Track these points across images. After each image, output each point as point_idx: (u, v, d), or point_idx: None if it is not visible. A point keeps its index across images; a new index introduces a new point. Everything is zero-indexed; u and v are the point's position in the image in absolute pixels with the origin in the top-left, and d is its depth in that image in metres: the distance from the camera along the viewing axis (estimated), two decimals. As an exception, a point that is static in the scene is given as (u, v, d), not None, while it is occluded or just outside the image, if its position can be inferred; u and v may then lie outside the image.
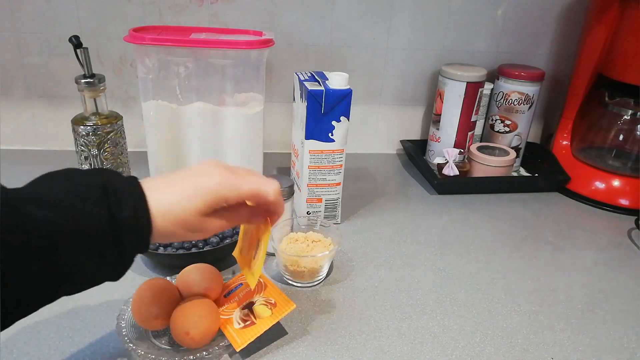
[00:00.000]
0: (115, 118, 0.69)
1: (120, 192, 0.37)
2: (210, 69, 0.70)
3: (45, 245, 0.34)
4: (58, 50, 0.87)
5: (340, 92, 0.67)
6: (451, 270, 0.67)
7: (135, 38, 0.66)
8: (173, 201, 0.40)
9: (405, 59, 0.98)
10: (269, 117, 0.80)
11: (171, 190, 0.40)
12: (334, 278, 0.63)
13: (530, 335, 0.55)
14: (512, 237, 0.76)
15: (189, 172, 0.43)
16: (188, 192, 0.40)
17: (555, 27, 1.00)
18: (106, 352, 0.49)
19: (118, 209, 0.37)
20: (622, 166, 0.89)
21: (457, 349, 0.52)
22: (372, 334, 0.54)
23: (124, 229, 0.37)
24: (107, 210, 0.36)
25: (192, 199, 0.40)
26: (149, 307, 0.48)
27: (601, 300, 0.63)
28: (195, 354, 0.46)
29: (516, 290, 0.63)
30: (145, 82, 0.70)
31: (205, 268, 0.53)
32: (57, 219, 0.34)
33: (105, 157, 0.67)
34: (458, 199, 0.87)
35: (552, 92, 1.06)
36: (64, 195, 0.36)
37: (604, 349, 0.54)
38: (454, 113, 0.91)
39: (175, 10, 0.87)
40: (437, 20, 0.96)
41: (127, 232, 0.37)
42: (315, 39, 0.93)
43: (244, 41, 0.68)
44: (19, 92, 0.89)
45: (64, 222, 0.34)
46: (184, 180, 0.41)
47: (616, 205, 0.86)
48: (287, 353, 0.50)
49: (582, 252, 0.73)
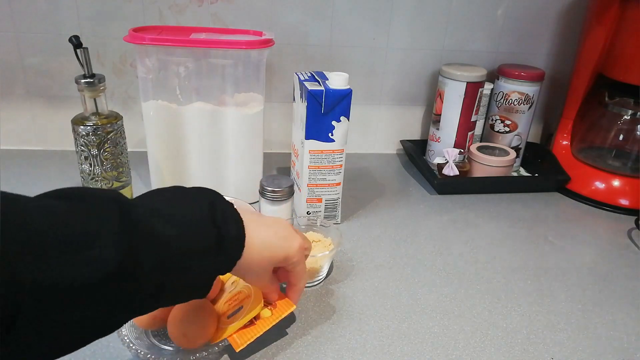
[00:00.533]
0: (115, 118, 0.69)
1: (224, 211, 0.40)
2: (210, 69, 0.70)
3: (161, 260, 0.35)
4: (58, 50, 0.87)
5: (340, 92, 0.67)
6: (451, 270, 0.67)
7: (135, 38, 0.66)
8: (266, 240, 0.44)
9: (405, 59, 0.98)
10: (269, 117, 0.80)
11: (266, 230, 0.44)
12: (334, 278, 0.63)
13: (530, 335, 0.55)
14: (512, 237, 0.76)
15: (277, 223, 0.47)
16: (280, 241, 0.45)
17: (555, 27, 1.00)
18: (106, 352, 0.49)
19: (225, 227, 0.39)
20: (622, 166, 0.89)
21: (457, 349, 0.52)
22: (372, 334, 0.54)
23: (225, 246, 0.39)
24: (217, 229, 0.38)
25: (280, 247, 0.45)
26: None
27: (601, 300, 0.63)
28: (195, 354, 0.46)
29: (516, 290, 0.63)
30: (145, 82, 0.70)
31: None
32: (176, 236, 0.36)
33: (105, 157, 0.67)
34: (458, 199, 0.87)
35: (552, 92, 1.06)
36: (181, 213, 0.38)
37: (603, 349, 0.54)
38: (454, 113, 0.91)
39: (175, 10, 0.87)
40: (437, 20, 0.96)
41: (227, 249, 0.39)
42: (315, 39, 0.93)
43: (244, 41, 0.68)
44: (19, 92, 0.89)
45: (181, 239, 0.36)
46: (276, 226, 0.46)
47: (616, 205, 0.86)
48: (287, 353, 0.50)
49: (582, 252, 0.73)
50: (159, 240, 0.35)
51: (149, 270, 0.34)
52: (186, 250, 0.36)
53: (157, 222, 0.35)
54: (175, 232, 0.36)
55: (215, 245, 0.38)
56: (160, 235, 0.35)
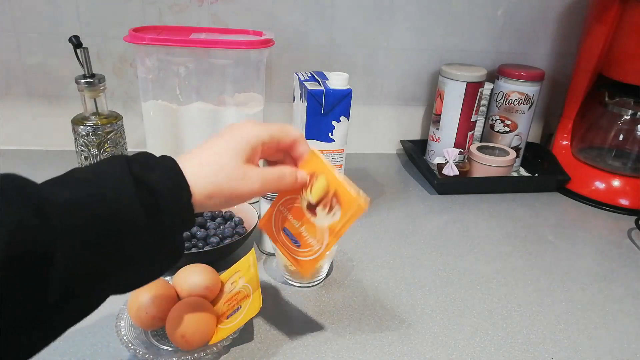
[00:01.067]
0: (115, 118, 0.69)
1: (146, 160, 0.35)
2: (210, 69, 0.70)
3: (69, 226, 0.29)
4: (58, 50, 0.87)
5: (340, 92, 0.67)
6: (451, 270, 0.66)
7: (135, 38, 0.66)
8: (206, 157, 0.38)
9: (405, 59, 0.98)
10: (269, 117, 0.80)
11: (201, 150, 0.39)
12: (334, 278, 0.63)
13: (530, 335, 0.55)
14: (512, 237, 0.76)
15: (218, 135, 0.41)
16: (221, 144, 0.39)
17: (555, 27, 1.00)
18: (105, 352, 0.49)
19: (145, 173, 0.33)
20: (622, 166, 0.89)
21: (457, 349, 0.52)
22: (372, 334, 0.54)
23: (157, 195, 0.33)
24: (132, 178, 0.32)
25: (228, 147, 0.39)
26: (145, 307, 0.48)
27: (601, 300, 0.63)
28: (194, 355, 0.46)
29: (516, 290, 0.63)
30: (145, 82, 0.70)
31: (203, 268, 0.53)
32: (80, 198, 0.30)
33: (105, 157, 0.67)
34: (458, 199, 0.87)
35: (552, 92, 1.06)
36: (84, 176, 0.32)
37: (604, 349, 0.54)
38: (454, 113, 0.91)
39: (175, 10, 0.87)
40: (437, 20, 0.96)
41: (161, 198, 0.33)
42: (315, 39, 0.93)
43: (244, 41, 0.68)
44: (19, 92, 0.89)
45: (88, 200, 0.30)
46: (213, 140, 0.40)
47: (616, 205, 0.86)
48: (286, 353, 0.50)
49: (582, 252, 0.73)
50: (56, 205, 0.29)
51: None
52: (95, 211, 0.30)
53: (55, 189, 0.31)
54: (77, 194, 0.31)
55: (135, 190, 0.32)
56: (59, 199, 0.30)
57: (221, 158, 0.38)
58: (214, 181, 0.37)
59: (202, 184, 0.36)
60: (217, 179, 0.37)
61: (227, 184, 0.38)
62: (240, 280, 0.52)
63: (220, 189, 0.37)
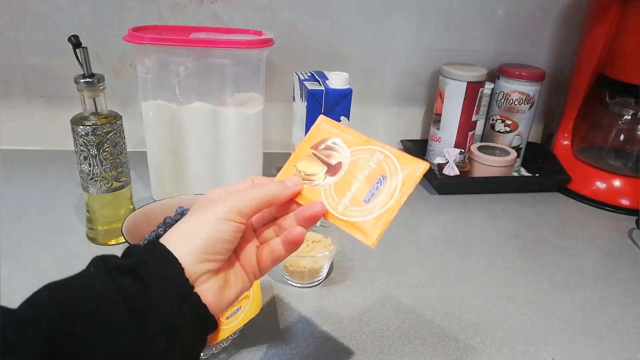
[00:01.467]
0: (115, 118, 0.69)
1: (125, 256, 0.33)
2: (210, 69, 0.70)
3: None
4: (57, 50, 0.87)
5: (340, 91, 0.67)
6: (451, 270, 0.66)
7: (135, 38, 0.66)
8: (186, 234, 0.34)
9: (405, 59, 0.98)
10: (269, 117, 0.80)
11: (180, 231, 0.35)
12: (334, 278, 0.63)
13: (531, 335, 0.55)
14: (512, 237, 0.76)
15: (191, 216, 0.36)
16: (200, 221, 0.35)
17: (555, 27, 1.00)
18: (105, 353, 0.49)
19: (120, 261, 0.32)
20: (622, 166, 0.89)
21: (457, 350, 0.52)
22: (372, 334, 0.54)
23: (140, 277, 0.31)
24: (108, 273, 0.31)
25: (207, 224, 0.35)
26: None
27: (601, 300, 0.62)
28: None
29: (516, 291, 0.63)
30: (144, 82, 0.70)
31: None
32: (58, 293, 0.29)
33: (104, 157, 0.66)
34: (458, 199, 0.87)
35: (553, 91, 1.06)
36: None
37: (604, 349, 0.54)
38: (455, 113, 0.91)
39: (175, 10, 0.87)
40: (437, 20, 0.95)
41: (149, 277, 0.31)
42: (315, 38, 0.93)
43: (244, 41, 0.68)
44: (18, 92, 0.89)
45: (65, 297, 0.29)
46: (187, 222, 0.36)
47: (617, 205, 0.86)
48: (286, 353, 0.50)
49: (583, 252, 0.73)
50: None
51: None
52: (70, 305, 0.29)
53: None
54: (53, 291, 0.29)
55: (107, 277, 0.30)
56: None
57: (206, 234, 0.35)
58: (207, 248, 0.34)
59: (190, 257, 0.33)
60: (208, 247, 0.34)
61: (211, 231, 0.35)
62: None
63: (217, 253, 0.35)
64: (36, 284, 0.30)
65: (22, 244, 0.65)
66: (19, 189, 0.79)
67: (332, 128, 0.43)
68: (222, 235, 0.35)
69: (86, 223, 0.68)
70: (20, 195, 0.77)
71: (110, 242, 0.67)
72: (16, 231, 0.68)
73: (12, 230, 0.68)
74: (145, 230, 0.64)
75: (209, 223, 0.35)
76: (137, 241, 0.61)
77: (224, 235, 0.35)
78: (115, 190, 0.67)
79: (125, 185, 0.69)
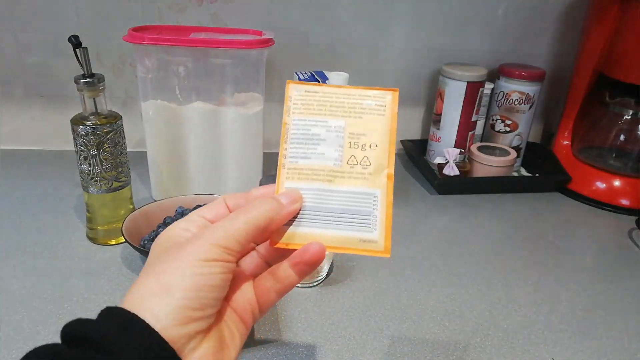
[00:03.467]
0: (115, 118, 0.69)
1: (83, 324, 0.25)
2: (209, 69, 0.70)
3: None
4: (57, 50, 0.87)
5: (340, 91, 0.66)
6: (451, 270, 0.66)
7: (135, 38, 0.66)
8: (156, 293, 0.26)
9: (405, 59, 0.98)
10: (269, 117, 0.80)
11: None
12: (334, 278, 0.63)
13: (531, 335, 0.55)
14: (512, 237, 0.76)
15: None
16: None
17: (555, 27, 1.00)
18: (105, 353, 0.49)
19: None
20: (622, 166, 0.89)
21: (457, 350, 0.52)
22: (372, 334, 0.54)
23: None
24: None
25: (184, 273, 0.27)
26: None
27: (602, 300, 0.62)
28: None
29: (517, 291, 0.63)
30: (144, 82, 0.70)
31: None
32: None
33: (104, 157, 0.66)
34: (458, 199, 0.87)
35: (553, 91, 1.06)
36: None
37: (604, 349, 0.54)
38: (455, 113, 0.91)
39: (174, 10, 0.87)
40: (437, 20, 0.95)
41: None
42: (315, 38, 0.93)
43: (244, 41, 0.68)
44: (18, 92, 0.89)
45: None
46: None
47: (617, 206, 0.86)
48: (287, 353, 0.50)
49: (583, 252, 0.73)
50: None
51: None
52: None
53: None
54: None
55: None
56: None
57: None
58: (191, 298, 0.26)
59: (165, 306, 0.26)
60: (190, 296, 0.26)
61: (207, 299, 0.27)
62: None
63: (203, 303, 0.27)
64: (36, 283, 0.30)
65: (22, 244, 0.65)
66: (19, 189, 0.79)
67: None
68: (209, 282, 0.27)
69: (86, 223, 0.68)
70: (20, 195, 0.77)
71: (110, 242, 0.67)
72: (16, 231, 0.68)
73: (12, 230, 0.68)
74: (145, 230, 0.64)
75: (189, 268, 0.26)
76: (137, 241, 0.61)
77: (211, 282, 0.27)
78: (115, 190, 0.67)
79: (125, 185, 0.69)
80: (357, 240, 0.32)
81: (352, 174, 0.33)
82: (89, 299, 0.55)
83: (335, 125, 0.33)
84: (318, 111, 0.34)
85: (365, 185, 0.32)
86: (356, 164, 0.33)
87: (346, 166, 0.33)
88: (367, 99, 0.34)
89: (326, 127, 0.34)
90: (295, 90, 0.35)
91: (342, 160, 0.33)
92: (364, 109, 0.34)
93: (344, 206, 0.32)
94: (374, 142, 0.33)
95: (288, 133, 0.34)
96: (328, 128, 0.33)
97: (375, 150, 0.33)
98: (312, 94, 0.35)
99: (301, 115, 0.34)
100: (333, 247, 0.32)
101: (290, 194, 0.32)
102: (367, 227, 0.32)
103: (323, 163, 0.33)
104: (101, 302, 0.55)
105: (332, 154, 0.33)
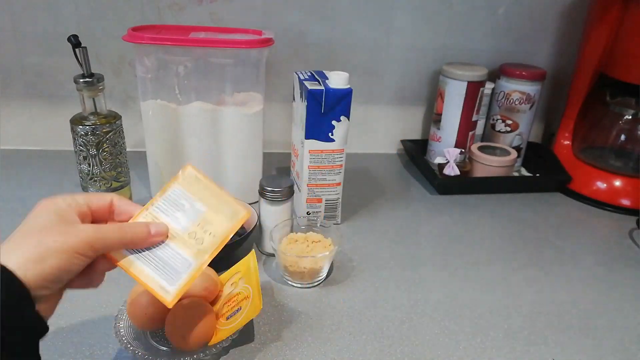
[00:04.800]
0: (114, 118, 0.69)
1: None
2: (209, 69, 0.70)
3: None
4: (57, 50, 0.86)
5: (341, 91, 0.66)
6: (451, 270, 0.66)
7: (134, 37, 0.65)
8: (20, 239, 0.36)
9: (405, 58, 0.98)
10: (268, 116, 0.80)
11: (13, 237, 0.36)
12: (334, 279, 0.63)
13: (532, 335, 0.55)
14: (513, 237, 0.75)
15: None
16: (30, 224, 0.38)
17: (556, 26, 1.00)
18: (104, 353, 0.49)
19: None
20: (623, 166, 0.89)
21: (458, 350, 0.52)
22: (373, 334, 0.54)
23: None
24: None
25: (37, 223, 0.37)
26: (144, 308, 0.48)
27: (602, 300, 0.62)
28: (193, 356, 0.46)
29: (517, 291, 0.63)
30: (144, 82, 0.70)
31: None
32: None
33: (103, 157, 0.66)
34: (459, 199, 0.86)
35: (554, 91, 1.05)
36: None
37: (605, 349, 0.54)
38: (455, 113, 0.90)
39: (174, 10, 0.87)
40: (438, 19, 0.95)
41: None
42: (315, 38, 0.93)
43: (244, 40, 0.68)
44: (18, 92, 0.89)
45: None
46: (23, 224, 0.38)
47: (617, 205, 0.86)
48: (287, 353, 0.50)
49: (584, 252, 0.73)
50: None
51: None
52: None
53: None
54: None
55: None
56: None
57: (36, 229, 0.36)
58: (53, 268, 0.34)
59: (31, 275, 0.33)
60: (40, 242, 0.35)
61: (51, 238, 0.35)
62: (240, 281, 0.52)
63: (46, 247, 0.34)
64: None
65: (22, 244, 0.65)
66: (18, 189, 0.78)
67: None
68: (71, 269, 0.35)
69: (86, 223, 0.68)
70: (20, 195, 0.77)
71: (110, 242, 0.67)
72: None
73: (12, 231, 0.68)
74: (145, 230, 0.64)
75: (65, 254, 0.34)
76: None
77: (73, 269, 0.35)
78: (115, 190, 0.67)
79: (124, 185, 0.69)
80: (159, 284, 0.40)
81: (187, 242, 0.42)
82: (87, 298, 0.55)
83: (199, 207, 0.44)
84: (194, 193, 0.44)
85: (190, 254, 0.42)
86: (195, 238, 0.43)
87: (187, 235, 0.43)
88: (228, 206, 0.44)
89: (192, 205, 0.44)
90: (191, 171, 0.46)
91: (188, 230, 0.43)
92: (222, 210, 0.44)
93: (167, 259, 0.41)
94: (214, 233, 0.43)
95: (166, 192, 0.44)
96: (193, 205, 0.44)
97: (211, 238, 0.43)
98: (198, 180, 0.45)
99: (182, 187, 0.45)
100: (142, 279, 0.40)
101: (160, 228, 0.41)
102: (172, 280, 0.41)
103: (174, 224, 0.43)
104: (99, 301, 0.55)
105: (183, 222, 0.43)
